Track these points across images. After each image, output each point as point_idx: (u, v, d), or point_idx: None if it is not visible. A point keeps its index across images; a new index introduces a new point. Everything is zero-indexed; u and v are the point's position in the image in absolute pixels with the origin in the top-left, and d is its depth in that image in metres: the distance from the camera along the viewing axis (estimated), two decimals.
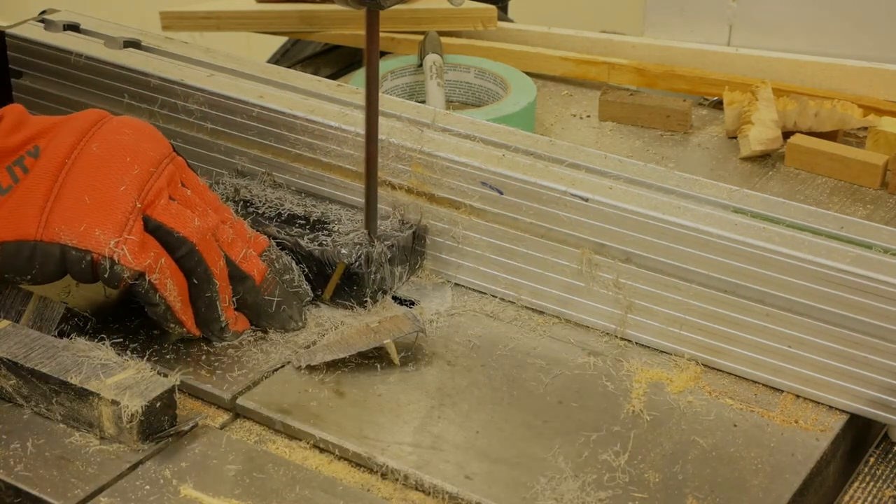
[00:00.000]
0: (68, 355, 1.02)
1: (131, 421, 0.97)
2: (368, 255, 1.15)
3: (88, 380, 0.99)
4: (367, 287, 1.16)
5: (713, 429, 1.04)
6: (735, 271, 1.07)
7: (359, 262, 1.14)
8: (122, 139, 1.08)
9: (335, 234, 1.17)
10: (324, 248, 1.15)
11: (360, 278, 1.15)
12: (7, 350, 1.02)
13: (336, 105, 1.27)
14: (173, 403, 1.00)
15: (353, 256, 1.15)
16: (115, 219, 1.04)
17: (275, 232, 1.18)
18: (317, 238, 1.17)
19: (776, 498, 0.97)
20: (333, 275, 1.15)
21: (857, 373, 1.04)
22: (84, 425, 1.00)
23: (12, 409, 1.03)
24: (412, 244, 1.20)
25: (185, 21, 1.68)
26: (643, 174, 1.15)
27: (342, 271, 1.14)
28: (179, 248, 1.07)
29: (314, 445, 1.01)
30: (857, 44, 1.58)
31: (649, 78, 1.61)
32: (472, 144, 1.20)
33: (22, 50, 1.43)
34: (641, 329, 1.13)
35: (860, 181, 1.42)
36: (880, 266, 1.03)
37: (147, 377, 1.00)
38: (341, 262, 1.14)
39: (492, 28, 1.67)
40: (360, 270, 1.15)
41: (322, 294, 1.16)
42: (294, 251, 1.16)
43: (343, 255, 1.15)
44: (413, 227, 1.19)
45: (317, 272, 1.16)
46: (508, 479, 0.97)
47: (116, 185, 1.05)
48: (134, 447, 0.98)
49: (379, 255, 1.16)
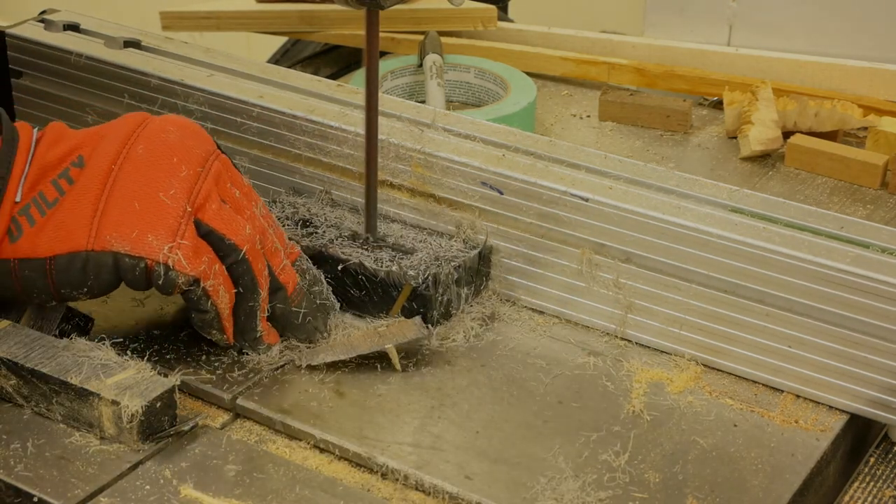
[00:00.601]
0: (68, 355, 1.02)
1: (131, 421, 0.97)
2: (436, 276, 1.12)
3: (88, 380, 0.99)
4: (434, 309, 1.13)
5: (713, 429, 1.04)
6: (735, 271, 1.07)
7: (426, 283, 1.12)
8: (168, 138, 1.06)
9: (399, 254, 1.15)
10: (390, 269, 1.13)
11: (427, 300, 1.12)
12: (7, 350, 1.02)
13: (336, 105, 1.27)
14: (173, 403, 1.00)
15: (421, 278, 1.12)
16: (167, 224, 1.02)
17: (338, 253, 1.15)
18: (380, 258, 1.14)
19: (776, 498, 0.97)
20: (399, 297, 1.12)
21: (857, 373, 1.04)
22: (84, 425, 1.00)
23: (12, 409, 1.03)
24: (478, 265, 1.17)
25: (185, 21, 1.68)
26: (643, 174, 1.15)
27: (409, 293, 1.12)
28: (230, 255, 1.05)
29: (314, 445, 1.01)
30: (857, 44, 1.58)
31: (649, 78, 1.61)
32: (473, 144, 1.20)
33: (22, 50, 1.43)
34: (641, 329, 1.13)
35: (860, 181, 1.42)
36: (880, 266, 1.03)
37: (147, 377, 1.00)
38: (408, 284, 1.11)
39: (492, 28, 1.67)
40: (427, 292, 1.12)
41: (387, 316, 1.14)
42: (358, 272, 1.13)
43: (410, 276, 1.12)
44: (479, 247, 1.16)
45: (382, 294, 1.13)
46: (508, 479, 0.97)
47: (166, 189, 1.03)
48: (134, 447, 0.98)
49: (446, 277, 1.13)
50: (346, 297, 1.15)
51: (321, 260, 1.14)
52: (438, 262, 1.13)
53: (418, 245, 1.16)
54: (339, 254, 1.14)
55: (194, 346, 1.11)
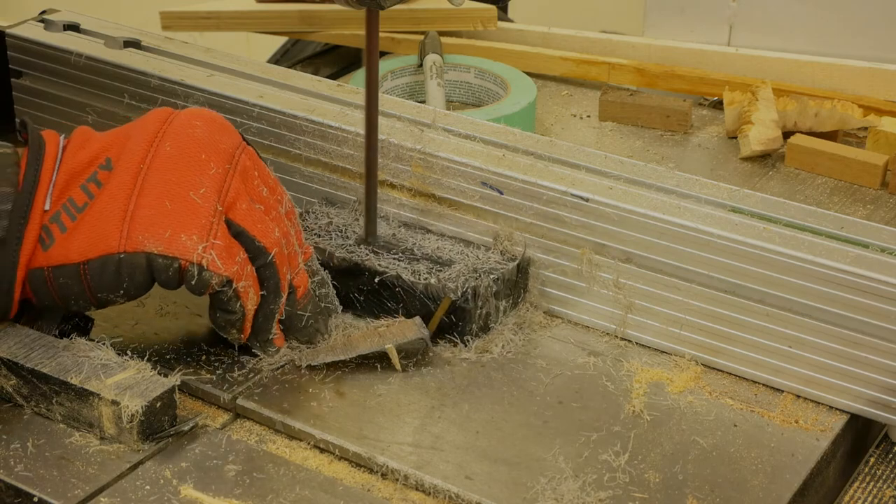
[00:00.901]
0: (69, 355, 1.02)
1: (131, 421, 0.97)
2: (475, 289, 1.10)
3: (88, 380, 0.99)
4: (473, 323, 1.11)
5: (713, 429, 1.04)
6: (735, 271, 1.07)
7: (465, 296, 1.10)
8: (195, 133, 1.04)
9: (436, 266, 1.13)
10: (428, 281, 1.11)
11: (467, 314, 1.10)
12: (7, 350, 1.02)
13: (336, 105, 1.27)
14: (173, 403, 1.00)
15: (460, 291, 1.10)
16: (199, 223, 1.01)
17: (374, 265, 1.13)
18: (417, 271, 1.12)
19: (776, 498, 0.97)
20: (438, 310, 1.10)
21: (857, 373, 1.04)
22: (84, 425, 1.00)
23: (12, 408, 1.03)
24: (516, 277, 1.15)
25: (185, 21, 1.68)
26: (643, 174, 1.15)
27: (448, 306, 1.10)
28: (259, 257, 1.04)
29: (314, 445, 1.01)
30: (857, 44, 1.58)
31: (649, 78, 1.61)
32: (473, 144, 1.20)
33: (22, 50, 1.43)
34: (641, 329, 1.13)
35: (860, 181, 1.42)
36: (880, 266, 1.03)
37: (147, 377, 1.00)
38: (447, 297, 1.09)
39: (492, 28, 1.67)
40: (466, 305, 1.10)
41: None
42: (395, 285, 1.12)
43: (449, 289, 1.10)
44: (517, 259, 1.14)
45: (419, 307, 1.11)
46: (508, 479, 0.97)
47: (196, 187, 1.02)
48: (134, 447, 0.98)
49: (485, 290, 1.11)
50: (382, 309, 1.13)
51: (357, 272, 1.13)
52: (477, 275, 1.11)
53: (455, 256, 1.14)
54: (376, 266, 1.13)
55: (194, 346, 1.11)
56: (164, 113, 1.07)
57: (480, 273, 1.11)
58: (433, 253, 1.15)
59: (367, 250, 1.15)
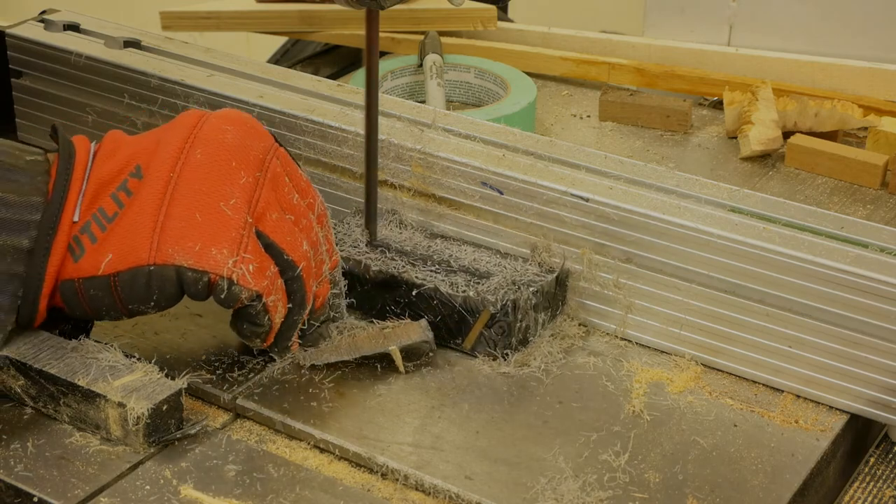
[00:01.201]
0: (77, 357, 1.01)
1: (137, 423, 0.97)
2: (515, 302, 1.08)
3: (96, 381, 0.99)
4: (513, 336, 1.09)
5: (713, 429, 1.04)
6: (735, 271, 1.07)
7: (505, 309, 1.08)
8: (225, 139, 1.03)
9: (474, 278, 1.11)
10: (466, 294, 1.09)
11: (507, 327, 1.09)
12: (16, 350, 1.02)
13: (336, 105, 1.27)
14: (180, 406, 1.00)
15: (500, 304, 1.08)
16: (229, 236, 1.00)
17: (412, 277, 1.11)
18: (455, 283, 1.10)
19: (776, 498, 0.97)
20: (476, 323, 1.08)
21: (857, 373, 1.04)
22: (91, 427, 1.00)
23: (12, 408, 1.03)
24: (555, 290, 1.13)
25: (185, 21, 1.68)
26: (643, 174, 1.15)
27: (487, 319, 1.08)
28: (287, 271, 1.03)
29: (314, 445, 1.01)
30: (857, 44, 1.58)
31: (649, 78, 1.61)
32: (473, 144, 1.20)
33: (22, 50, 1.43)
34: (641, 329, 1.13)
35: (860, 181, 1.42)
36: (880, 266, 1.03)
37: (154, 380, 1.00)
38: (486, 310, 1.08)
39: (492, 28, 1.67)
40: (506, 318, 1.08)
41: (462, 343, 1.11)
42: (433, 297, 1.10)
43: (488, 302, 1.08)
44: (556, 271, 1.12)
45: (458, 320, 1.10)
46: (508, 479, 0.97)
47: (226, 198, 1.01)
48: (140, 449, 0.98)
49: (525, 302, 1.09)
50: None
51: (394, 285, 1.12)
52: (516, 287, 1.09)
53: (493, 269, 1.13)
54: (414, 278, 1.11)
55: (194, 346, 1.11)
56: (194, 116, 1.05)
57: (520, 285, 1.10)
58: (470, 265, 1.14)
59: (404, 262, 1.13)
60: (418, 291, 1.11)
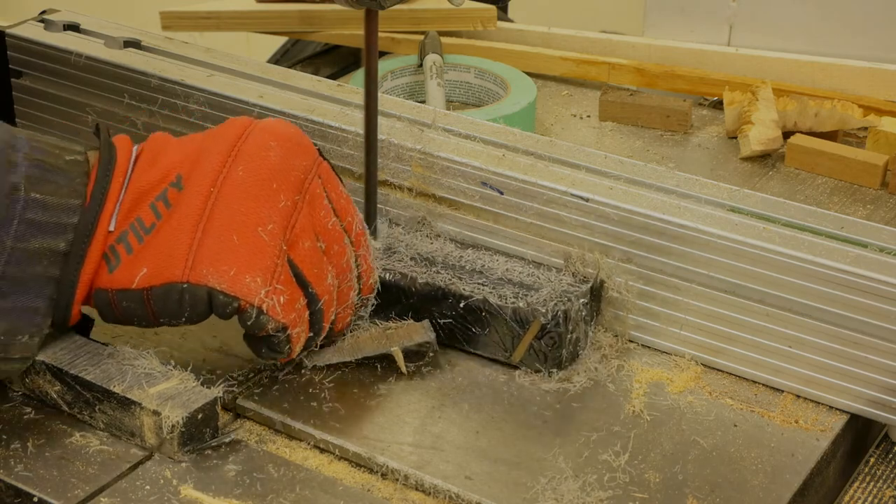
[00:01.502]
0: (113, 363, 1.01)
1: (172, 431, 0.97)
2: (566, 312, 1.05)
3: (131, 389, 0.98)
4: (564, 348, 1.06)
5: (713, 429, 1.04)
6: (735, 271, 1.07)
7: (556, 319, 1.06)
8: (268, 157, 1.01)
9: (522, 290, 1.09)
10: (516, 305, 1.07)
11: (558, 339, 1.06)
12: (52, 355, 1.01)
13: (336, 105, 1.27)
14: (215, 415, 0.99)
15: (550, 314, 1.06)
16: (264, 264, 0.98)
17: (459, 289, 1.09)
18: (503, 294, 1.08)
19: (776, 498, 0.97)
20: (526, 335, 1.06)
21: (857, 373, 1.04)
22: (126, 434, 0.99)
23: (12, 408, 1.03)
24: (590, 300, 1.11)
25: (185, 21, 1.68)
26: (643, 174, 1.15)
27: (537, 331, 1.05)
28: (310, 304, 1.02)
29: (314, 445, 1.01)
30: (857, 44, 1.58)
31: (649, 78, 1.61)
32: (473, 144, 1.20)
33: (22, 50, 1.43)
34: (641, 329, 1.13)
35: (860, 181, 1.42)
36: (880, 266, 1.03)
37: (190, 388, 0.99)
38: (536, 321, 1.05)
39: (491, 28, 1.67)
40: (557, 329, 1.06)
41: (511, 356, 1.08)
42: (482, 309, 1.08)
43: (539, 312, 1.05)
44: (591, 281, 1.10)
45: (507, 331, 1.07)
46: (508, 479, 0.97)
47: (264, 222, 0.99)
48: (175, 458, 0.98)
49: (576, 313, 1.06)
50: (466, 335, 1.10)
51: (441, 297, 1.10)
52: (566, 298, 1.07)
53: (531, 279, 1.10)
54: (462, 290, 1.09)
55: (194, 346, 1.11)
56: (240, 126, 1.04)
57: (570, 296, 1.07)
58: (504, 275, 1.11)
59: (450, 274, 1.11)
60: (466, 303, 1.09)
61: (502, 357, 1.09)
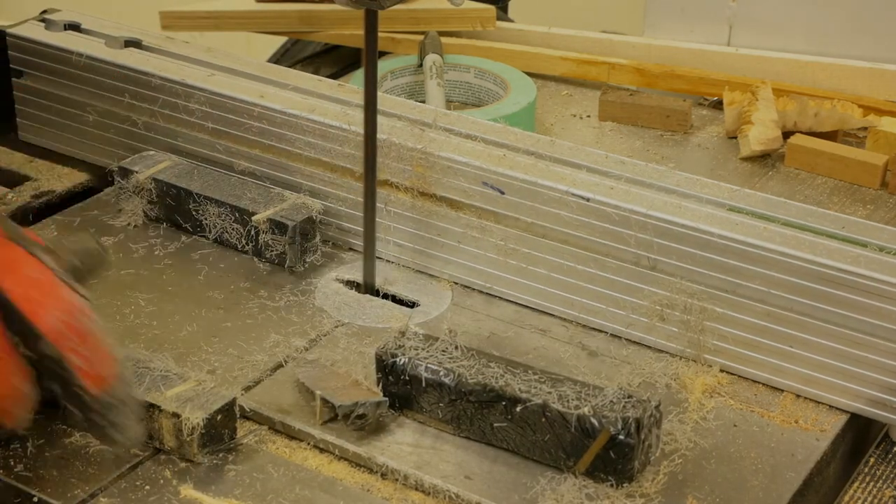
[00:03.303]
0: (129, 366, 1.00)
1: (192, 434, 0.97)
2: (639, 420, 0.94)
3: (149, 392, 0.98)
4: (636, 459, 0.95)
5: (713, 429, 1.04)
6: (735, 271, 1.07)
7: (627, 429, 0.94)
8: None
9: (584, 389, 0.97)
10: (581, 411, 0.95)
11: (628, 448, 0.94)
12: None
13: (337, 105, 1.27)
14: (233, 416, 0.99)
15: (620, 423, 0.94)
16: None
17: (516, 391, 0.97)
18: (564, 395, 0.96)
19: (776, 498, 0.97)
20: (594, 444, 0.94)
21: (857, 373, 1.05)
22: (145, 437, 0.99)
23: None
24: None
25: (185, 21, 1.68)
26: (644, 174, 1.15)
27: (605, 441, 0.94)
28: None
29: (314, 445, 1.01)
30: (857, 44, 1.58)
31: (649, 78, 1.61)
32: (473, 144, 1.20)
33: (22, 49, 1.43)
34: (642, 329, 1.13)
35: (860, 181, 1.42)
36: (881, 266, 1.03)
37: (207, 389, 0.99)
38: (605, 430, 0.94)
39: (491, 28, 1.67)
40: (628, 439, 0.94)
41: (575, 466, 0.96)
42: (542, 413, 0.96)
43: (608, 421, 0.94)
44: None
45: (570, 440, 0.96)
46: (508, 479, 0.97)
47: None
48: (195, 460, 0.97)
49: (649, 419, 0.95)
50: (521, 441, 0.98)
51: (496, 401, 0.98)
52: (634, 401, 0.95)
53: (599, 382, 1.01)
54: (518, 391, 0.97)
55: (193, 346, 1.11)
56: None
57: (639, 400, 0.96)
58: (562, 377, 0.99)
59: (501, 369, 0.99)
60: (523, 407, 0.97)
61: (564, 467, 0.97)
